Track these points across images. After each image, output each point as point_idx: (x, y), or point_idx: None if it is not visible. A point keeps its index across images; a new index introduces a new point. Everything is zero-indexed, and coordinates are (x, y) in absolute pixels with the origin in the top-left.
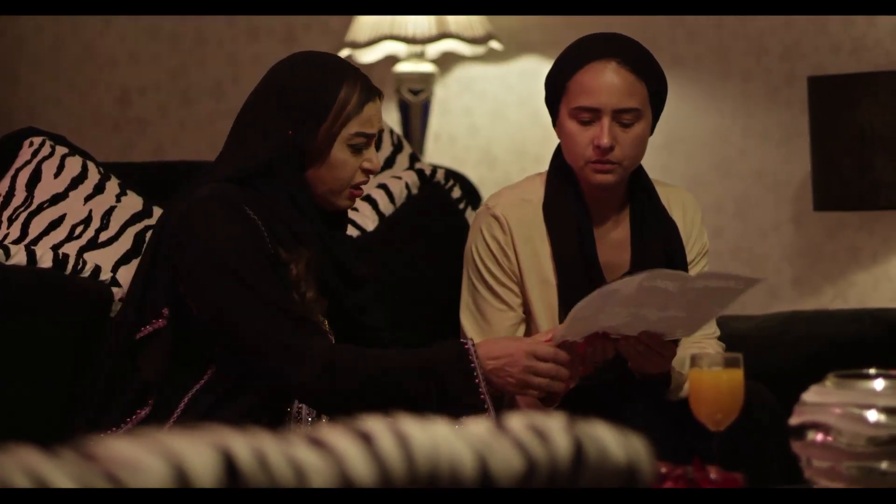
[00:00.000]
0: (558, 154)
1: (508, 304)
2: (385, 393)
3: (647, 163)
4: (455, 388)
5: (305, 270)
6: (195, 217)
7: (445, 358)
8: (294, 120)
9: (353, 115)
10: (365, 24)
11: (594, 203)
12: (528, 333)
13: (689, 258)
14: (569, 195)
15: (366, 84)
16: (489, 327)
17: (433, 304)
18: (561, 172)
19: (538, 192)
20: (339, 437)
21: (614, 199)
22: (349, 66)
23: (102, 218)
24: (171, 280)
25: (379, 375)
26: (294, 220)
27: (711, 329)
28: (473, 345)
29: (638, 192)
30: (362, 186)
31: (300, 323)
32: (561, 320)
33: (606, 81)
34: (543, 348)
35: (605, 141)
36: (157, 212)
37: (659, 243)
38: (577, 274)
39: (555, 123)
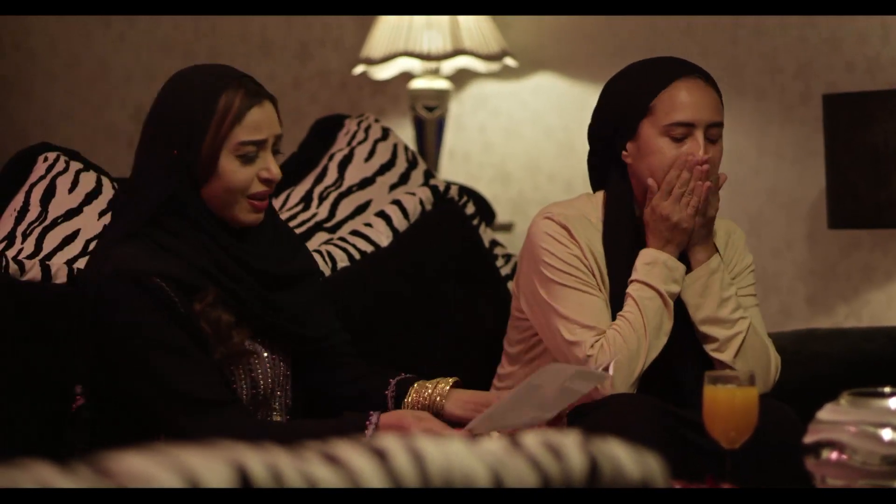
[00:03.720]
0: (619, 181)
1: (598, 287)
2: None
3: None
4: None
5: (212, 303)
6: (103, 304)
7: (344, 430)
8: (177, 139)
9: (235, 123)
10: (379, 41)
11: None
12: None
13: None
14: (624, 221)
15: (250, 89)
16: (593, 316)
17: (446, 320)
18: (621, 198)
19: (596, 213)
20: (354, 454)
21: None
22: (230, 74)
23: None
24: (91, 354)
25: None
26: (205, 251)
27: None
28: (377, 419)
29: None
30: (264, 197)
31: (197, 405)
32: None
33: (699, 96)
34: (445, 432)
35: (704, 154)
36: None
37: None
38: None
39: (619, 147)
